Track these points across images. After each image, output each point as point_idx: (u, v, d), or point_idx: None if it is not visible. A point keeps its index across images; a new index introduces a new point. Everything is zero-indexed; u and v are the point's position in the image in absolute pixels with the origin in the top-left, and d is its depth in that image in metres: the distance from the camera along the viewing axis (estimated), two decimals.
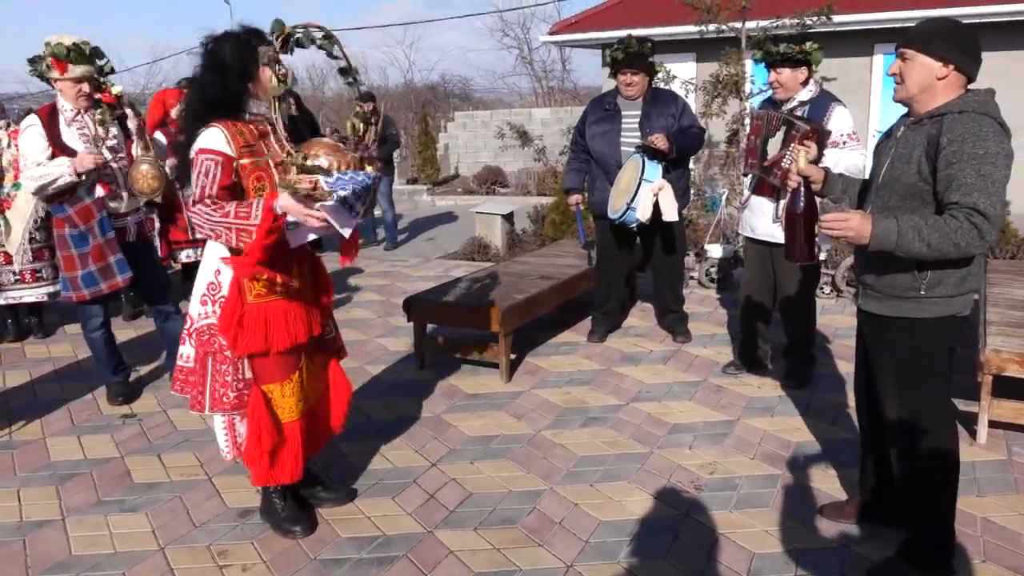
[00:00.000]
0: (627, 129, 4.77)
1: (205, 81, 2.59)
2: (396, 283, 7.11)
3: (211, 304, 2.71)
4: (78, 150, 4.00)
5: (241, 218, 2.45)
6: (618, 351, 5.02)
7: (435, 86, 30.43)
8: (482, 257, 8.12)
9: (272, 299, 2.70)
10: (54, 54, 3.91)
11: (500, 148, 15.69)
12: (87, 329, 4.31)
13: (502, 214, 8.49)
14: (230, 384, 2.75)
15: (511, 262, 5.94)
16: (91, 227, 4.05)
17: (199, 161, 2.53)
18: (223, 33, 2.63)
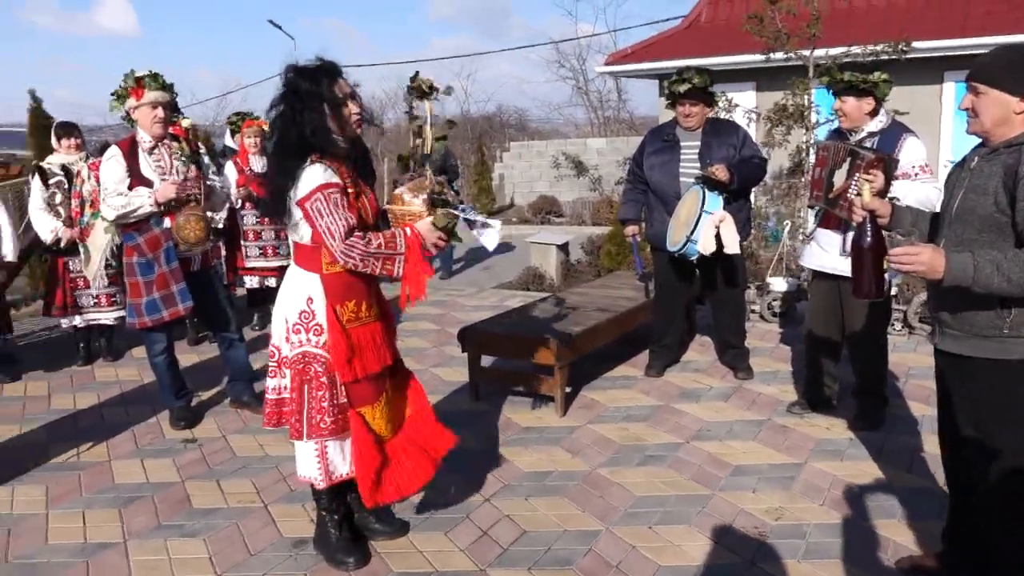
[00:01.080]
0: (686, 160, 4.73)
1: (299, 116, 2.62)
2: (451, 312, 7.13)
3: (304, 332, 2.75)
4: (154, 181, 4.14)
5: (390, 248, 2.62)
6: (677, 386, 4.93)
7: (491, 117, 30.77)
8: (537, 287, 8.11)
9: (360, 325, 2.79)
10: (133, 79, 4.09)
11: (555, 178, 15.71)
12: (151, 354, 4.41)
13: (557, 244, 8.49)
14: (327, 410, 2.78)
15: (567, 293, 5.90)
16: (157, 256, 4.17)
17: (327, 197, 2.58)
18: (312, 68, 2.66)
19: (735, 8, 11.78)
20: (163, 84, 4.16)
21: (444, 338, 6.23)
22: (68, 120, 5.74)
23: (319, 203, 2.60)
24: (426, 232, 2.70)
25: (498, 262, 10.57)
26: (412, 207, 2.73)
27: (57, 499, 3.65)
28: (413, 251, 2.66)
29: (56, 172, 5.48)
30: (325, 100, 2.62)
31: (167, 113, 4.19)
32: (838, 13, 9.89)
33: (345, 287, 2.76)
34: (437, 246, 2.72)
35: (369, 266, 2.64)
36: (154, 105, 4.13)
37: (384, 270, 2.66)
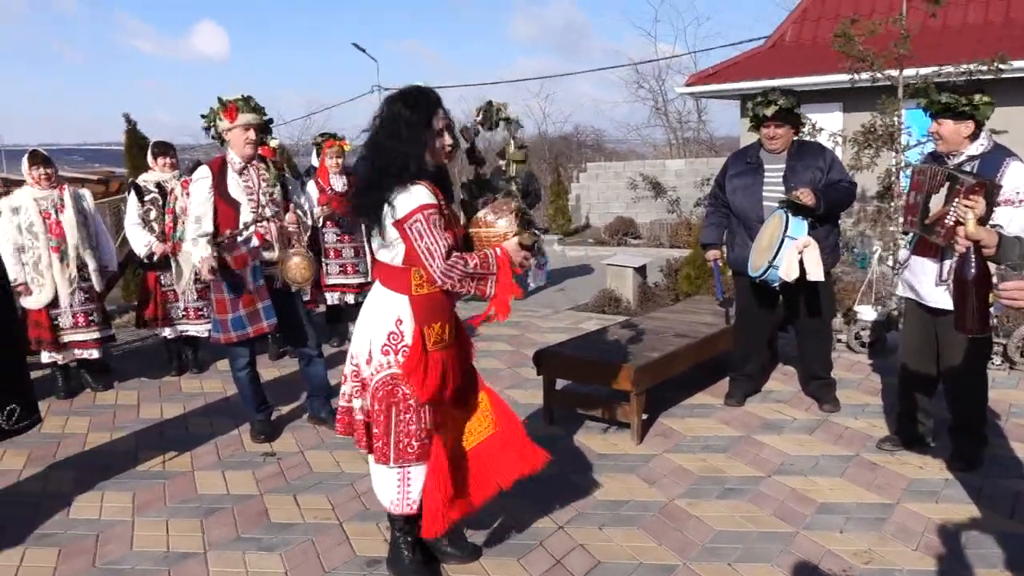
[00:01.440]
0: (770, 183, 4.61)
1: (397, 140, 2.66)
2: (526, 334, 7.11)
3: (393, 354, 2.77)
4: (242, 202, 4.27)
5: (484, 268, 2.68)
6: (758, 417, 4.78)
7: (568, 137, 30.82)
8: (613, 310, 8.02)
9: (444, 348, 2.81)
10: (224, 105, 4.22)
11: (632, 199, 15.60)
12: (234, 368, 4.53)
13: (634, 267, 8.37)
14: (414, 434, 2.79)
15: (644, 317, 5.82)
16: (244, 274, 4.28)
17: (428, 218, 2.62)
18: (416, 97, 2.69)
19: (821, 28, 11.51)
20: (255, 107, 4.29)
21: (519, 359, 6.21)
22: (163, 140, 6.00)
23: (419, 223, 2.64)
24: (514, 252, 2.75)
25: (573, 284, 10.51)
26: (497, 228, 2.76)
27: (143, 507, 3.77)
28: (504, 271, 2.71)
29: (151, 189, 5.72)
30: (423, 129, 2.66)
31: (258, 135, 4.32)
32: (929, 31, 9.54)
33: (432, 308, 2.78)
34: (523, 265, 2.76)
35: (465, 286, 2.69)
36: (246, 127, 4.26)
37: (477, 290, 2.71)
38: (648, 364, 4.40)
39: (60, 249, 5.33)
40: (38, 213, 5.29)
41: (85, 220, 5.47)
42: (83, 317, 5.48)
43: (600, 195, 17.99)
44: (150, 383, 5.91)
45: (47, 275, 5.32)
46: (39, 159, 5.35)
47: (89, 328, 5.51)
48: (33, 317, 5.39)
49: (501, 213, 2.77)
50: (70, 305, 5.41)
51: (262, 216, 4.30)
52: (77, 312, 5.45)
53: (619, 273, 8.48)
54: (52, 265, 5.33)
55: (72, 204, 5.39)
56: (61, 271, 5.34)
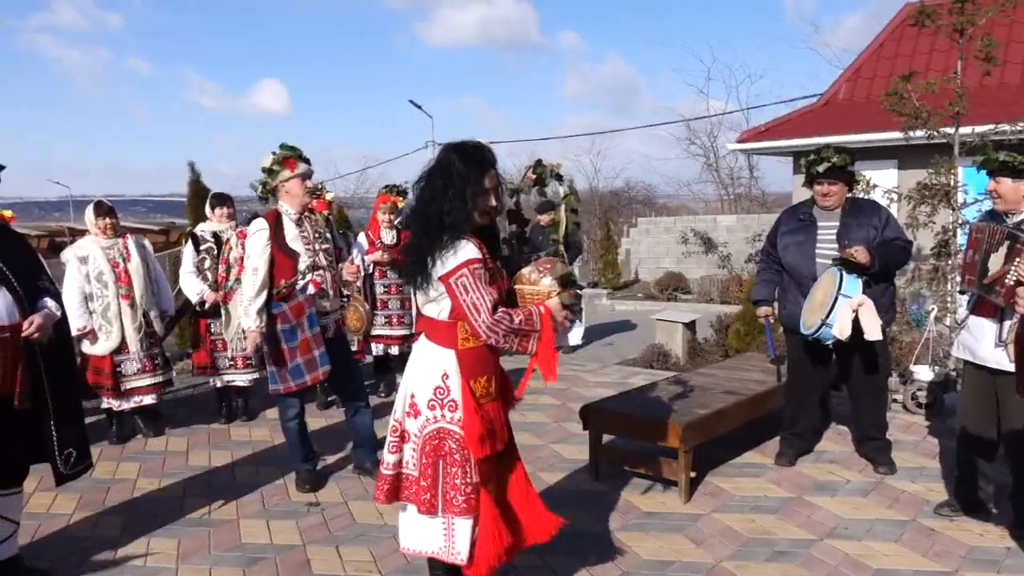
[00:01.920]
0: (823, 240, 4.56)
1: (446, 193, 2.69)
2: (573, 388, 7.07)
3: (440, 408, 2.78)
4: (300, 252, 4.38)
5: (528, 325, 2.68)
6: (810, 478, 4.65)
7: (619, 192, 30.94)
8: (662, 365, 7.96)
9: (490, 401, 2.81)
10: (285, 156, 4.38)
11: (683, 254, 15.61)
12: (284, 418, 4.59)
13: (684, 322, 8.32)
14: (459, 488, 2.78)
15: (693, 373, 5.75)
16: (301, 322, 4.36)
17: (473, 272, 2.66)
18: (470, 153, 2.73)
19: (875, 86, 11.46)
20: (307, 159, 4.45)
21: (565, 413, 6.17)
22: (222, 191, 6.20)
23: (465, 278, 2.66)
24: (556, 310, 2.76)
25: (622, 338, 10.47)
26: (541, 287, 2.78)
27: (187, 554, 3.80)
28: (547, 329, 2.71)
29: (207, 239, 5.90)
30: (474, 185, 2.69)
31: (313, 185, 4.45)
32: (986, 90, 9.42)
33: (478, 363, 2.79)
34: (563, 324, 2.78)
35: (510, 342, 2.70)
36: (304, 177, 4.41)
37: (519, 347, 2.70)
38: (697, 421, 4.34)
39: (130, 297, 5.50)
40: (107, 262, 5.47)
41: (148, 268, 5.65)
42: (149, 362, 5.62)
43: (650, 250, 17.99)
44: (200, 430, 6.01)
45: (115, 323, 5.48)
46: (104, 209, 5.55)
47: (155, 373, 5.66)
48: (94, 364, 5.52)
49: (545, 271, 2.80)
50: (138, 351, 5.56)
51: (318, 265, 4.39)
52: (144, 358, 5.59)
53: (668, 328, 8.43)
54: (122, 313, 5.49)
55: (137, 252, 5.58)
56: (132, 318, 5.51)
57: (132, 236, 5.73)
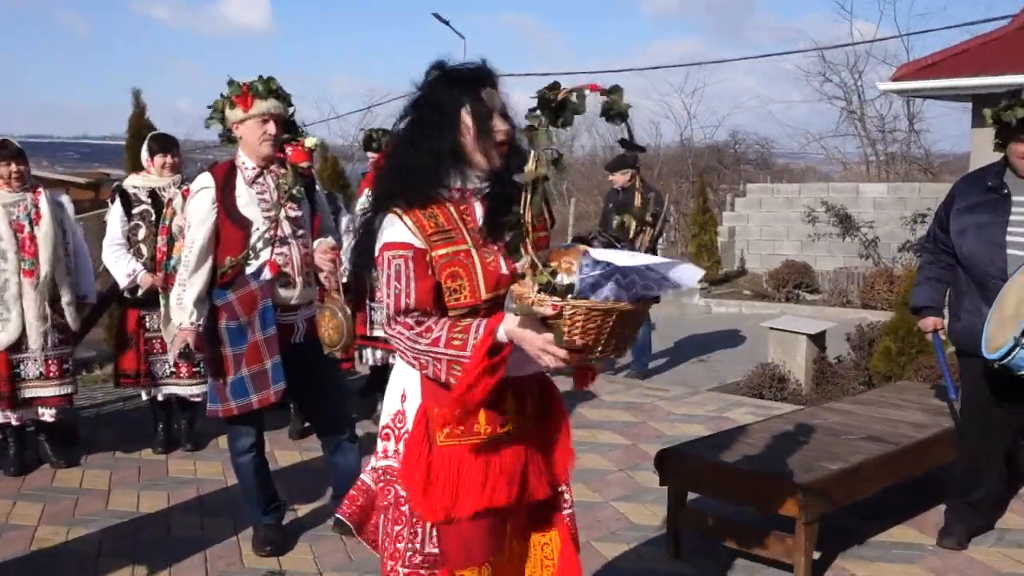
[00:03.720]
0: (1019, 223, 4.41)
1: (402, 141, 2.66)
2: (648, 422, 7.02)
3: (394, 440, 2.72)
4: (254, 219, 4.31)
5: (455, 347, 2.46)
6: (989, 568, 4.49)
7: (722, 148, 30.78)
8: (776, 395, 7.86)
9: (465, 443, 2.63)
10: (237, 88, 4.31)
11: (809, 236, 15.47)
12: (234, 451, 4.53)
13: (808, 333, 8.20)
14: (401, 555, 2.67)
15: (821, 408, 5.63)
16: (252, 319, 4.29)
17: (384, 261, 2.58)
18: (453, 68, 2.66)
19: None
20: (277, 92, 4.34)
21: (635, 458, 6.05)
22: (165, 132, 6.16)
23: (380, 269, 2.62)
24: (521, 331, 2.40)
25: (721, 355, 10.44)
26: (525, 288, 2.41)
27: None
28: (476, 354, 2.43)
29: (142, 198, 5.90)
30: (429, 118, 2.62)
31: (279, 130, 4.36)
32: None
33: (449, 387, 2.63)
34: (539, 359, 2.39)
35: (428, 367, 2.54)
36: (264, 118, 4.30)
37: (451, 375, 2.49)
38: (823, 480, 4.22)
39: (35, 273, 5.51)
40: (7, 224, 5.48)
41: (63, 236, 5.66)
42: (56, 365, 5.64)
43: (764, 229, 17.86)
44: (127, 461, 6.01)
45: (14, 307, 5.50)
46: (8, 152, 5.53)
47: (62, 380, 5.68)
48: None
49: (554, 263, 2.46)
50: (42, 348, 5.57)
51: (279, 238, 4.31)
52: (50, 358, 5.61)
53: (785, 341, 8.33)
54: (23, 295, 5.50)
55: (49, 213, 5.57)
56: (35, 303, 5.51)
57: (46, 191, 5.74)
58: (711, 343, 11.07)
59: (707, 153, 29.35)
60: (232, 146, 4.51)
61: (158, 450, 6.14)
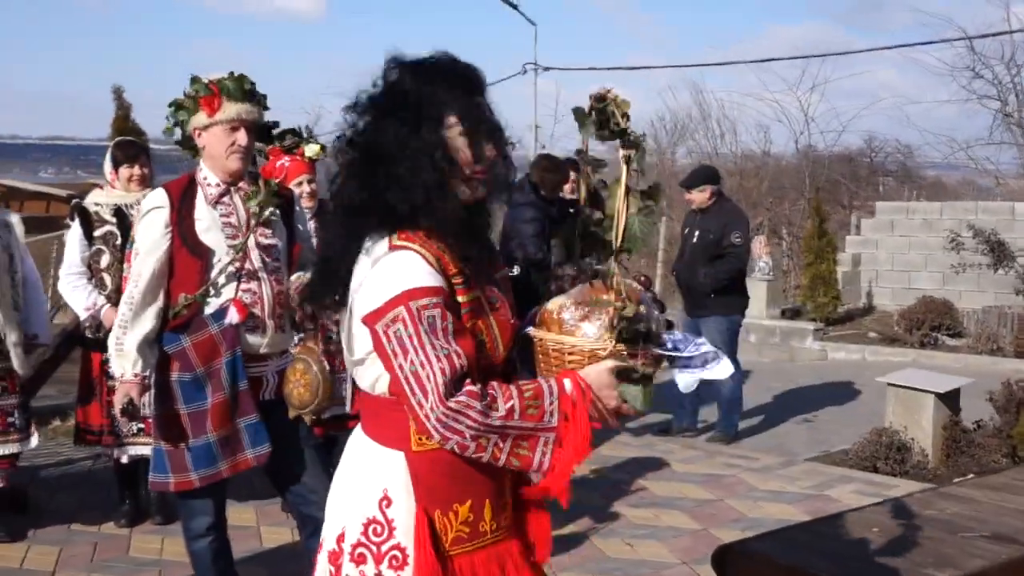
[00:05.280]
0: None
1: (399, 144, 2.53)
2: (727, 500, 6.90)
3: (373, 561, 2.57)
4: (216, 248, 4.24)
5: (530, 417, 2.42)
6: None
7: (854, 156, 30.24)
8: (893, 469, 7.60)
9: (478, 547, 2.62)
10: (204, 87, 4.23)
11: (953, 268, 15.34)
12: (188, 533, 4.44)
13: (938, 392, 7.90)
14: None
15: (936, 494, 5.33)
16: (213, 370, 4.21)
17: (418, 316, 2.42)
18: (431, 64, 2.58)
19: None
20: (250, 93, 4.28)
21: (705, 548, 5.83)
22: (131, 139, 6.18)
23: (402, 326, 2.40)
24: (600, 386, 2.44)
25: (831, 412, 10.32)
26: (578, 338, 2.46)
27: None
28: (575, 424, 2.41)
29: (105, 218, 5.87)
30: (440, 127, 2.50)
31: (251, 140, 4.30)
32: None
33: (454, 476, 2.55)
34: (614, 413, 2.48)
35: (487, 449, 2.39)
36: (234, 125, 4.23)
37: (514, 457, 2.41)
38: None
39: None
40: None
41: (10, 262, 5.65)
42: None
43: (896, 257, 17.64)
44: (83, 535, 5.97)
45: None
46: None
47: (7, 436, 5.65)
48: None
49: (592, 310, 2.47)
50: None
51: (246, 271, 4.24)
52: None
53: (909, 401, 8.09)
54: None
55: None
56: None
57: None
58: (821, 398, 10.94)
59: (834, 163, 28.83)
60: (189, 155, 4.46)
61: (120, 523, 6.09)
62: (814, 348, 14.77)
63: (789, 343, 14.80)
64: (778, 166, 29.05)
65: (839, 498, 6.66)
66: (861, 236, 18.39)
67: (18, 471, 5.92)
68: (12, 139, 33.40)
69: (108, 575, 5.41)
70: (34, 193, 18.13)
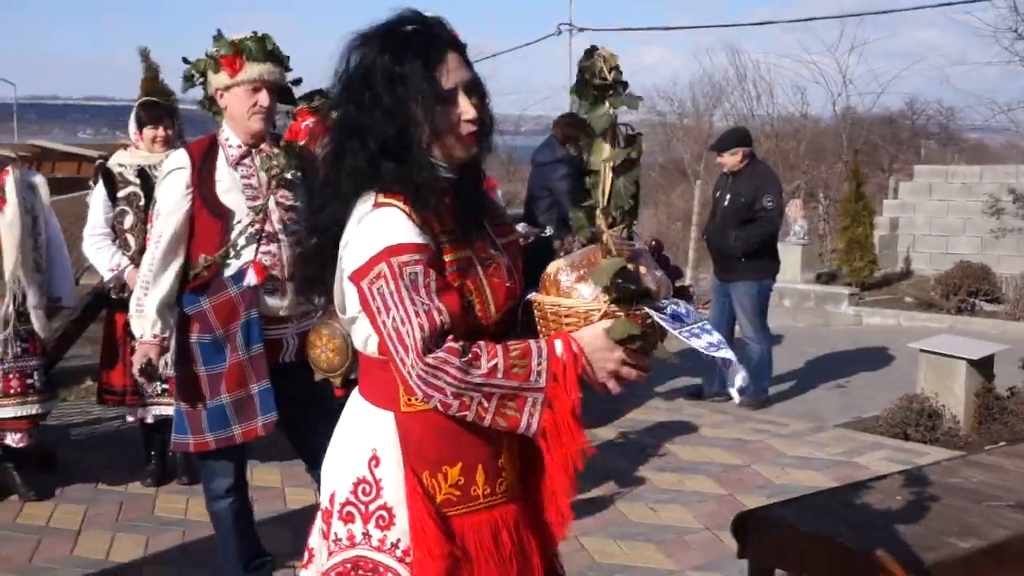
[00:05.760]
0: None
1: (369, 112, 2.50)
2: (754, 465, 6.85)
3: (360, 520, 2.56)
4: (236, 209, 4.22)
5: (515, 376, 2.38)
6: None
7: (895, 119, 29.85)
8: (924, 436, 7.54)
9: (472, 511, 2.60)
10: (226, 46, 4.19)
11: (992, 233, 15.27)
12: (208, 493, 4.45)
13: (970, 358, 7.81)
14: None
15: (964, 462, 5.22)
16: (231, 332, 4.20)
17: (399, 271, 2.41)
18: (394, 31, 2.52)
19: None
20: (272, 53, 4.25)
21: (729, 514, 5.70)
22: (155, 99, 6.17)
23: (384, 283, 2.38)
24: (593, 348, 2.39)
25: (864, 378, 10.23)
26: (574, 300, 2.42)
27: None
28: (563, 386, 2.37)
29: (129, 179, 5.88)
30: (421, 87, 2.44)
31: (273, 101, 4.27)
32: None
33: (443, 438, 2.53)
34: (617, 378, 2.42)
35: (471, 407, 2.36)
36: (255, 85, 4.20)
37: (500, 417, 2.37)
38: (946, 563, 3.90)
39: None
40: None
41: (33, 225, 5.66)
42: (18, 380, 5.63)
43: (934, 222, 17.45)
44: (109, 495, 6.02)
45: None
46: None
47: (24, 399, 5.66)
48: None
49: (588, 271, 2.44)
50: (0, 359, 5.58)
51: (265, 234, 4.22)
52: (10, 372, 5.61)
53: (940, 367, 7.99)
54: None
55: (15, 199, 5.56)
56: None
57: (16, 170, 5.74)
58: (854, 364, 10.81)
59: (870, 125, 28.46)
60: (212, 116, 4.44)
61: (147, 482, 6.14)
62: (849, 313, 14.68)
63: (824, 308, 14.70)
64: (816, 128, 28.71)
65: (868, 465, 6.61)
66: (899, 200, 18.17)
67: (39, 431, 5.91)
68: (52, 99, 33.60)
69: (133, 534, 5.43)
70: (66, 154, 18.19)
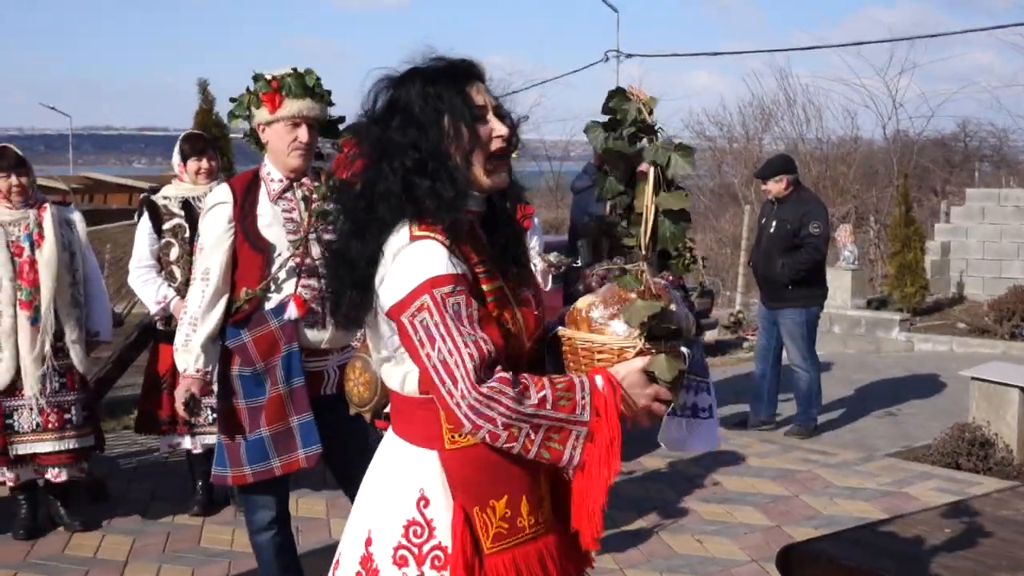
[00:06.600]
0: None
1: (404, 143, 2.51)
2: (802, 496, 6.77)
3: (415, 563, 2.55)
4: (277, 243, 4.24)
5: (562, 408, 2.40)
6: None
7: (948, 141, 29.57)
8: (976, 465, 7.45)
9: (519, 543, 2.58)
10: (266, 84, 4.24)
11: None
12: (251, 526, 4.43)
13: (1020, 386, 7.71)
14: None
15: (1015, 493, 5.16)
16: (271, 366, 4.21)
17: (442, 304, 2.41)
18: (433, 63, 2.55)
19: None
20: (314, 89, 4.28)
21: (776, 545, 5.68)
22: (199, 132, 6.21)
23: (428, 315, 2.37)
24: (630, 384, 2.43)
25: (914, 405, 10.16)
26: (607, 337, 2.45)
27: None
28: (606, 420, 2.39)
29: (174, 211, 5.90)
30: (452, 101, 2.48)
31: (313, 136, 4.29)
32: None
33: (488, 472, 2.52)
34: (650, 412, 2.47)
35: (518, 439, 2.36)
36: (295, 121, 4.23)
37: (545, 449, 2.38)
38: None
39: (32, 305, 5.53)
40: (5, 246, 5.52)
41: (71, 261, 5.69)
42: (56, 415, 5.62)
43: (988, 246, 17.30)
44: (156, 526, 6.02)
45: (6, 346, 5.53)
46: (8, 163, 5.54)
47: (63, 433, 5.64)
48: None
49: (620, 308, 2.45)
50: (37, 394, 5.57)
51: (306, 267, 4.23)
52: (50, 407, 5.60)
53: (993, 395, 7.92)
54: (19, 329, 5.53)
55: (54, 235, 5.58)
56: (31, 340, 5.53)
57: (53, 206, 5.77)
58: (905, 392, 10.73)
59: (922, 148, 28.22)
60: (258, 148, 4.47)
61: (193, 510, 6.14)
62: (900, 339, 14.55)
63: (875, 334, 14.59)
64: (867, 152, 28.48)
65: (918, 496, 6.52)
66: (951, 224, 17.99)
67: (89, 464, 5.94)
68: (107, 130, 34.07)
69: (179, 565, 5.43)
70: (118, 186, 18.57)
